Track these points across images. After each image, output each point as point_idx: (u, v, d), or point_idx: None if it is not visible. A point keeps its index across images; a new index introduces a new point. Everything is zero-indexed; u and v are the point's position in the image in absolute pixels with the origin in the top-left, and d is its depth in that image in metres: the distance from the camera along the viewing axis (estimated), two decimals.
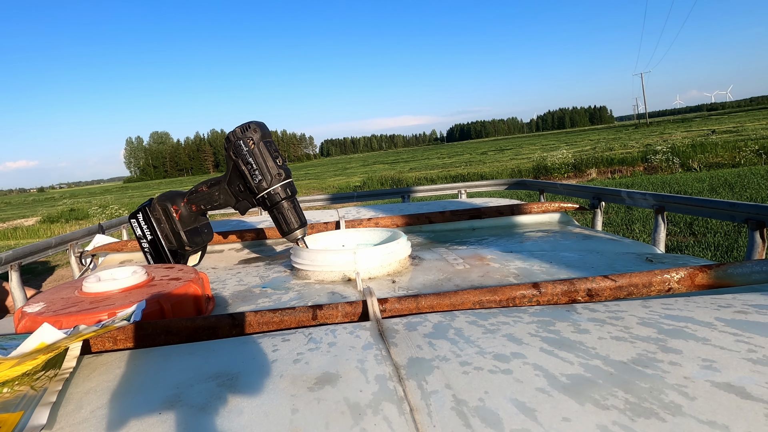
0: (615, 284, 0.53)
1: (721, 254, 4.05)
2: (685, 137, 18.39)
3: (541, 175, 13.79)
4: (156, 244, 0.80)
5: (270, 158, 0.74)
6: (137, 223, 0.80)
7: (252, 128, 0.74)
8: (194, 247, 0.83)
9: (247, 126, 0.74)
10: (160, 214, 0.79)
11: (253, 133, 0.74)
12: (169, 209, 0.79)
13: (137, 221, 0.80)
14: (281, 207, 0.76)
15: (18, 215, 20.47)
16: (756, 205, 1.01)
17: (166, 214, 0.79)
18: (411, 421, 0.31)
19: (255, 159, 0.74)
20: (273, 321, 0.50)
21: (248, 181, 0.75)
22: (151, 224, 0.79)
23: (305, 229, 0.79)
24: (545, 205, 1.22)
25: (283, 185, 0.76)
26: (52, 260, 7.02)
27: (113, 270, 0.64)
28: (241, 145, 0.74)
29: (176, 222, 0.79)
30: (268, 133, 0.76)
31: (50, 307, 0.56)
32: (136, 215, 0.80)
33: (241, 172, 0.75)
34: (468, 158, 27.86)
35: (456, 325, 0.45)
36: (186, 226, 0.80)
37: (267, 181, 0.74)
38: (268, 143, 0.75)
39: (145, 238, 0.80)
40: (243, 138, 0.74)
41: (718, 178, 8.59)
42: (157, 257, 0.81)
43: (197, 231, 0.83)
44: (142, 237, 0.80)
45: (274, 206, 0.76)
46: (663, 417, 0.30)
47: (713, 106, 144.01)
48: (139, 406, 0.35)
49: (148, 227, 0.79)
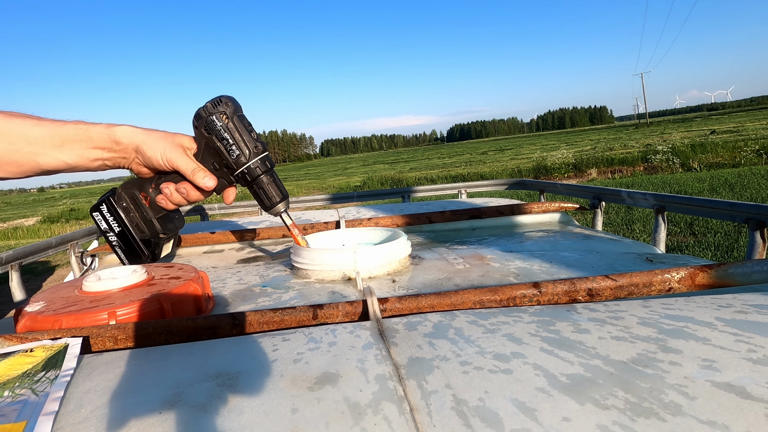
0: (615, 284, 0.53)
1: (721, 254, 4.05)
2: (686, 137, 18.39)
3: (541, 175, 13.79)
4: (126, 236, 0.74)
5: (246, 132, 0.71)
6: (101, 216, 0.74)
7: (224, 102, 0.70)
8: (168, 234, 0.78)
9: (219, 100, 0.70)
10: (128, 203, 0.74)
11: (226, 107, 0.70)
12: (137, 197, 0.74)
13: (101, 214, 0.74)
14: (261, 182, 0.73)
15: (18, 215, 20.49)
16: (756, 205, 1.01)
17: (134, 203, 0.74)
18: (411, 420, 0.31)
19: (231, 134, 0.70)
20: (273, 320, 0.50)
21: (225, 157, 0.71)
22: (119, 215, 0.74)
23: (287, 201, 0.76)
24: (545, 205, 1.22)
25: (262, 159, 0.72)
26: (52, 260, 7.02)
27: (113, 269, 0.64)
28: (215, 120, 0.69)
29: (147, 209, 0.74)
30: (240, 107, 0.72)
31: (50, 306, 0.56)
32: (98, 208, 0.74)
33: (216, 149, 0.71)
34: (468, 158, 27.86)
35: (456, 324, 0.45)
36: (158, 213, 0.75)
37: (245, 155, 0.71)
38: (241, 117, 0.71)
39: (112, 231, 0.74)
40: (215, 113, 0.69)
41: (719, 178, 8.59)
42: (128, 250, 0.76)
43: (169, 217, 0.78)
44: (108, 230, 0.75)
45: (253, 181, 0.73)
46: (663, 417, 0.30)
47: (713, 106, 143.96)
48: (139, 405, 0.35)
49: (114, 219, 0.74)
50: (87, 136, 0.67)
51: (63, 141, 0.66)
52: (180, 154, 0.70)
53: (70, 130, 0.66)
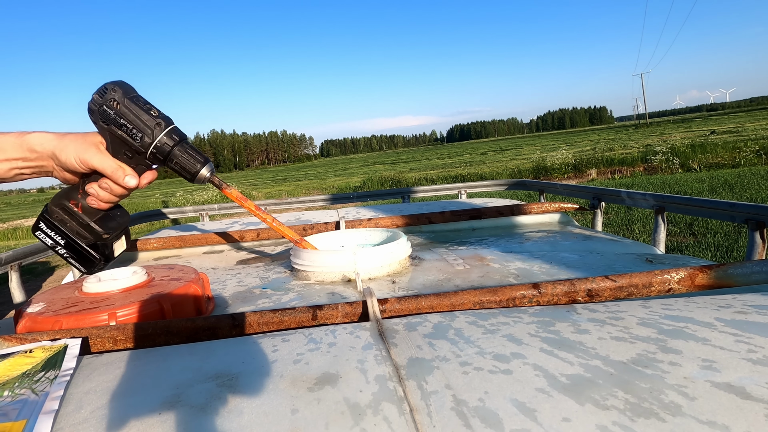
0: (615, 284, 0.53)
1: (721, 254, 4.05)
2: (685, 137, 18.40)
3: (541, 175, 13.79)
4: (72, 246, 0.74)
5: (143, 112, 0.69)
6: (44, 235, 0.74)
7: (110, 89, 0.68)
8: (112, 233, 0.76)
9: (104, 89, 0.68)
10: (60, 214, 0.73)
11: (114, 93, 0.68)
12: (67, 206, 0.73)
13: (42, 232, 0.74)
14: (174, 155, 0.71)
15: (18, 215, 20.49)
16: (756, 206, 1.01)
17: (67, 212, 0.73)
18: (411, 421, 0.31)
19: (126, 118, 0.68)
20: (273, 321, 0.50)
21: (131, 144, 0.69)
22: (58, 228, 0.73)
23: (210, 165, 0.74)
24: (545, 206, 1.22)
25: (167, 133, 0.70)
26: (52, 260, 7.02)
27: (114, 270, 0.64)
28: (106, 110, 0.68)
29: (81, 216, 0.73)
30: (130, 88, 0.70)
31: (50, 307, 0.56)
32: (38, 226, 0.74)
33: (120, 137, 0.69)
34: (468, 158, 27.87)
35: (456, 325, 0.45)
36: (93, 216, 0.74)
37: (149, 135, 0.69)
38: (133, 98, 0.69)
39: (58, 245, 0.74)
40: (105, 102, 0.68)
41: (718, 178, 8.59)
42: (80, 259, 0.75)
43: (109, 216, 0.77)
44: (56, 245, 0.74)
45: (167, 158, 0.71)
46: (663, 417, 0.30)
47: (713, 106, 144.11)
48: (139, 406, 0.35)
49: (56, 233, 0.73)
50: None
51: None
52: (94, 153, 0.68)
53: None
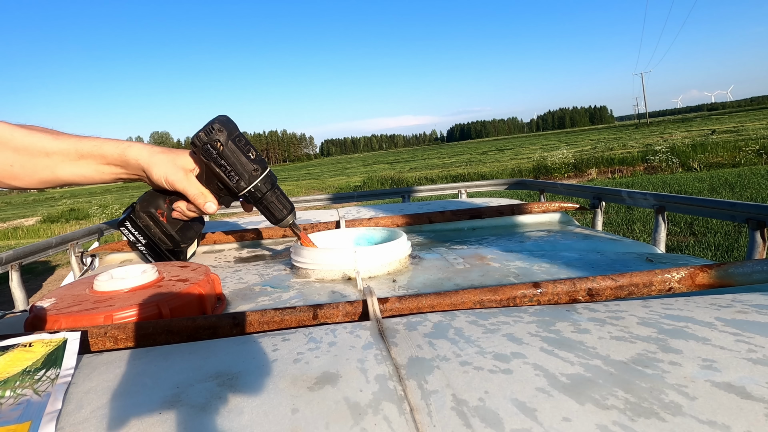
0: (615, 284, 0.53)
1: (721, 254, 4.05)
2: (686, 137, 18.40)
3: (542, 175, 13.80)
4: (152, 247, 0.80)
5: (242, 156, 0.72)
6: (128, 231, 0.80)
7: (216, 129, 0.71)
8: (189, 242, 0.83)
9: (211, 127, 0.71)
10: (146, 220, 0.78)
11: (219, 134, 0.71)
12: (154, 215, 0.78)
13: (127, 229, 0.80)
14: (266, 200, 0.76)
15: (18, 215, 20.48)
16: (756, 205, 1.01)
17: (153, 220, 0.78)
18: (411, 420, 0.31)
19: (227, 160, 0.71)
20: (273, 320, 0.50)
21: (226, 182, 0.73)
22: (142, 230, 0.79)
23: (294, 213, 0.79)
24: (545, 205, 1.22)
25: (263, 180, 0.74)
26: (52, 260, 7.02)
27: (127, 267, 0.64)
28: (210, 149, 0.71)
29: (165, 225, 0.78)
30: (234, 128, 0.73)
31: (57, 305, 0.56)
32: (124, 223, 0.80)
33: (216, 174, 0.73)
34: (468, 158, 27.87)
35: (456, 324, 0.45)
36: (175, 227, 0.79)
37: (245, 180, 0.73)
38: (236, 139, 0.72)
39: (140, 242, 0.80)
40: (210, 141, 0.71)
41: (719, 178, 8.59)
42: (157, 258, 0.82)
43: (187, 226, 0.82)
44: (137, 242, 0.80)
45: (258, 201, 0.76)
46: (663, 417, 0.30)
47: (713, 106, 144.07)
48: (139, 405, 0.35)
49: (139, 233, 0.79)
50: (101, 153, 0.71)
51: (79, 156, 0.70)
52: (182, 178, 0.74)
53: (86, 145, 0.71)
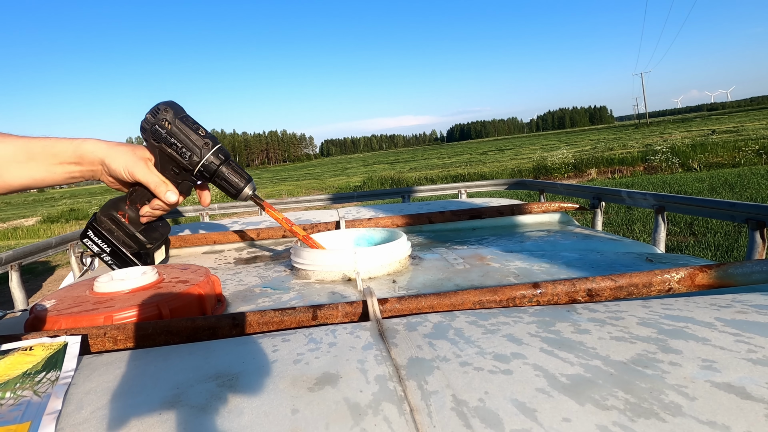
0: (615, 284, 0.53)
1: (721, 254, 4.05)
2: (685, 137, 18.41)
3: (542, 175, 13.80)
4: (117, 254, 0.79)
5: (192, 132, 0.74)
6: (91, 242, 0.79)
7: (162, 109, 0.74)
8: (155, 243, 0.82)
9: (157, 109, 0.74)
10: (108, 224, 0.78)
11: (165, 114, 0.73)
12: (116, 217, 0.78)
13: (90, 239, 0.79)
14: (220, 173, 0.76)
15: (18, 215, 20.49)
16: (756, 205, 1.01)
17: (115, 222, 0.78)
18: (411, 421, 0.31)
19: (176, 137, 0.73)
20: (273, 321, 0.50)
21: (179, 161, 0.74)
22: (105, 237, 0.78)
23: (252, 183, 0.79)
24: (545, 205, 1.22)
25: (215, 152, 0.75)
26: (52, 260, 7.02)
27: (127, 269, 0.64)
28: (158, 129, 0.73)
29: (128, 226, 0.78)
30: (180, 108, 0.75)
31: (57, 306, 0.56)
32: (86, 234, 0.79)
33: (169, 155, 0.75)
34: (468, 158, 27.89)
35: (456, 325, 0.45)
36: (138, 227, 0.79)
37: (197, 154, 0.74)
38: (183, 118, 0.75)
39: (104, 252, 0.79)
40: (157, 122, 0.73)
41: (718, 178, 8.60)
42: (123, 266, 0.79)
43: (152, 227, 0.82)
44: (101, 252, 0.79)
45: (213, 175, 0.77)
46: (663, 417, 0.30)
47: (713, 106, 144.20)
48: (139, 406, 0.35)
49: (103, 241, 0.78)
50: (52, 153, 0.69)
51: (28, 157, 0.67)
52: (142, 167, 0.73)
53: (35, 146, 0.68)
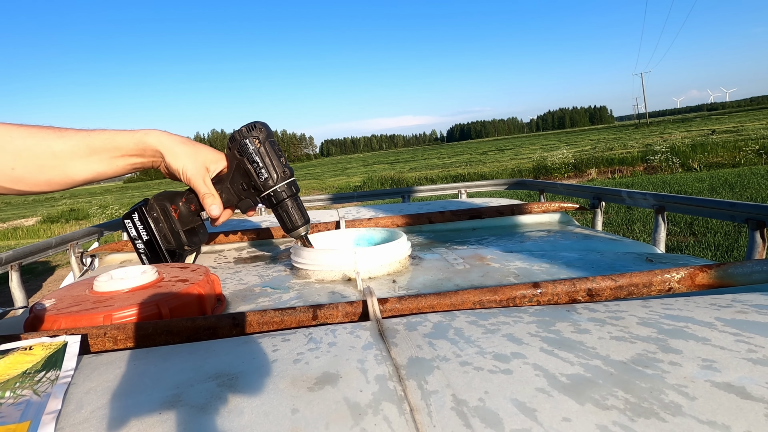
0: (615, 284, 0.53)
1: (721, 254, 4.05)
2: (685, 137, 18.42)
3: (542, 175, 13.80)
4: (153, 244, 0.79)
5: (275, 157, 0.76)
6: (132, 224, 0.79)
7: (258, 128, 0.76)
8: (192, 247, 0.82)
9: (253, 125, 0.76)
10: (158, 213, 0.78)
11: (259, 133, 0.75)
12: (168, 208, 0.78)
13: (132, 222, 0.79)
14: (285, 205, 0.77)
15: (18, 215, 20.49)
16: (756, 205, 1.01)
17: (164, 214, 0.78)
18: (411, 421, 0.31)
19: (261, 158, 0.75)
20: (273, 321, 0.50)
21: (254, 179, 0.76)
22: (148, 224, 0.78)
23: (308, 226, 0.80)
24: (545, 205, 1.22)
25: (288, 183, 0.77)
26: (52, 260, 7.02)
27: (127, 268, 0.64)
28: (247, 143, 0.75)
29: (176, 221, 0.78)
30: (272, 133, 0.78)
31: (57, 305, 0.56)
32: (130, 216, 0.79)
33: (246, 170, 0.76)
34: (468, 158, 27.90)
35: (456, 325, 0.46)
36: (185, 226, 0.79)
37: (273, 179, 0.75)
38: (272, 143, 0.76)
39: (140, 239, 0.79)
40: (249, 137, 0.75)
41: (718, 178, 8.60)
42: (153, 258, 0.80)
43: (194, 231, 0.83)
44: (137, 238, 0.79)
45: (278, 204, 0.77)
46: (663, 417, 0.30)
47: (713, 105, 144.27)
48: (139, 406, 0.35)
49: (144, 227, 0.78)
50: (114, 146, 0.69)
51: (90, 151, 0.68)
52: (198, 175, 0.74)
53: (95, 140, 0.68)
